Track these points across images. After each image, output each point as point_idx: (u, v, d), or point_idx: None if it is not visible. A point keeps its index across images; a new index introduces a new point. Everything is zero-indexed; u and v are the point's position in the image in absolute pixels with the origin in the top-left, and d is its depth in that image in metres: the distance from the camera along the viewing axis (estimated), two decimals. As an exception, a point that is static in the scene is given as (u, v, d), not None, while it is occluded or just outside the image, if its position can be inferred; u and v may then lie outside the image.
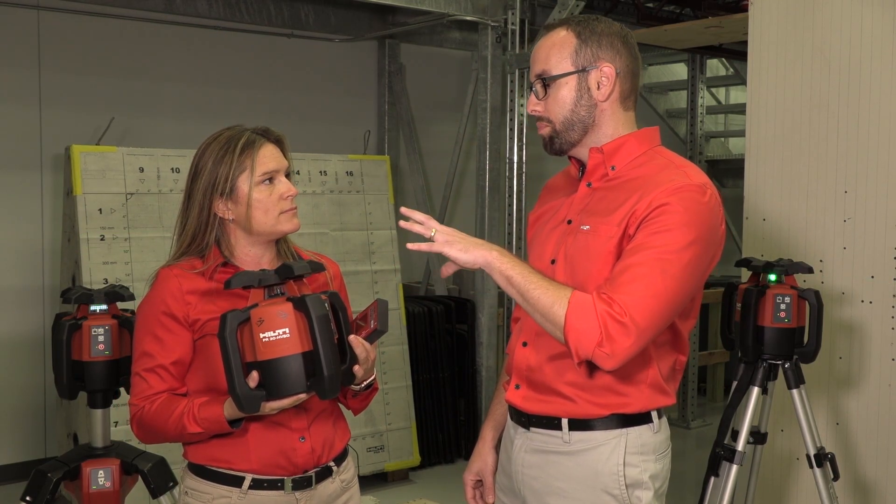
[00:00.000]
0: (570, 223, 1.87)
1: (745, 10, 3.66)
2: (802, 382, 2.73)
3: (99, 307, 2.20)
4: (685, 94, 6.59)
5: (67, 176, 4.13)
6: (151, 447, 2.30)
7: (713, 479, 2.72)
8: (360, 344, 1.82)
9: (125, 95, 4.89)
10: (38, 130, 4.67)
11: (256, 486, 1.91)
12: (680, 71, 7.18)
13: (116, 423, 3.71)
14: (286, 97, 5.47)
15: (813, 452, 2.72)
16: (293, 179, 2.01)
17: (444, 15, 4.76)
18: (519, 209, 5.06)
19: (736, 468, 2.68)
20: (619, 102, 1.86)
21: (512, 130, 5.02)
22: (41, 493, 2.16)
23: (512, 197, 5.07)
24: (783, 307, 2.64)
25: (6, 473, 4.53)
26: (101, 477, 2.18)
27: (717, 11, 5.56)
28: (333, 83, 5.70)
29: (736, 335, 2.75)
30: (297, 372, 1.70)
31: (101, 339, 2.16)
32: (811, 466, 2.73)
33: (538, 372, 1.87)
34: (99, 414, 2.25)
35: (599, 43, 1.84)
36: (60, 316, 2.23)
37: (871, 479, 3.09)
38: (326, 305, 1.74)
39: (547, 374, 1.85)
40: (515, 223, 5.06)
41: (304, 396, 1.74)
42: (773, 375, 2.74)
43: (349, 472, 2.06)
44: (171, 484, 2.25)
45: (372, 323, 1.87)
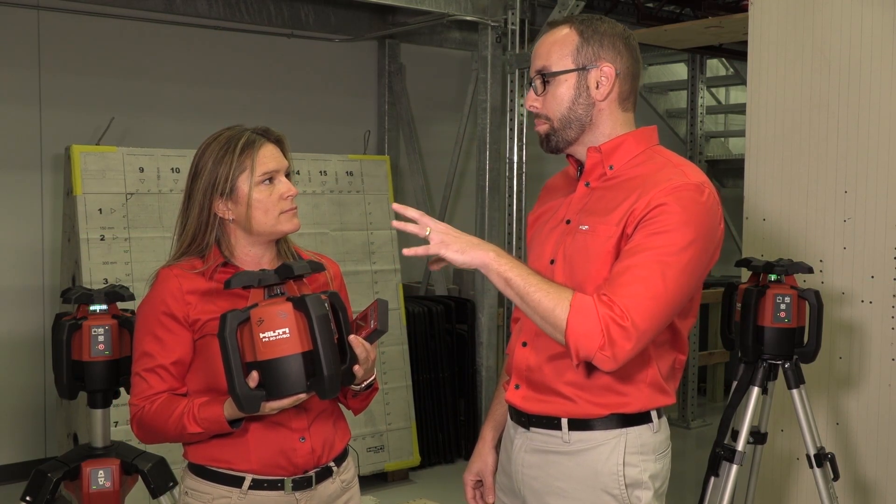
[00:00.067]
0: (568, 223, 1.87)
1: (745, 10, 3.66)
2: (802, 382, 2.73)
3: (99, 307, 2.20)
4: (685, 94, 6.59)
5: (67, 176, 4.13)
6: (151, 447, 2.30)
7: (713, 479, 2.72)
8: (360, 344, 1.81)
9: (125, 95, 4.89)
10: (38, 130, 4.67)
11: (256, 486, 1.91)
12: (680, 71, 7.18)
13: (116, 423, 3.71)
14: (286, 97, 5.47)
15: (813, 452, 2.72)
16: (293, 179, 2.00)
17: (444, 15, 4.76)
18: (519, 209, 5.06)
19: (736, 468, 2.68)
20: (617, 103, 1.86)
21: (512, 130, 5.02)
22: (41, 493, 2.16)
23: (512, 197, 5.07)
24: (783, 307, 2.64)
25: (6, 473, 4.53)
26: (101, 477, 2.18)
27: (717, 11, 5.56)
28: (333, 83, 5.69)
29: (736, 335, 2.75)
30: (297, 372, 1.70)
31: (101, 339, 2.16)
32: (811, 466, 2.73)
33: (538, 372, 1.87)
34: (99, 414, 2.25)
35: (601, 43, 1.83)
36: (60, 316, 2.23)
37: (871, 479, 3.08)
38: (326, 305, 1.74)
39: (546, 374, 1.85)
40: (515, 223, 5.06)
41: (304, 396, 1.74)
42: (773, 375, 2.74)
43: (349, 472, 2.06)
44: (171, 484, 2.25)
45: (372, 323, 1.87)
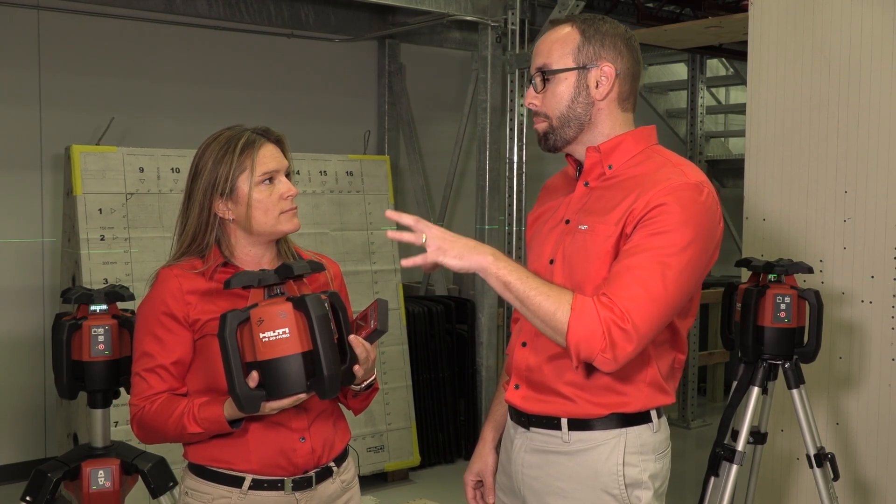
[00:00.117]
0: (568, 223, 1.87)
1: (745, 10, 3.66)
2: (802, 382, 2.73)
3: (99, 307, 2.21)
4: (685, 94, 6.59)
5: (67, 176, 4.13)
6: (151, 447, 2.30)
7: (713, 479, 2.72)
8: (360, 344, 1.81)
9: (125, 95, 4.88)
10: (38, 130, 4.67)
11: (256, 486, 1.91)
12: (680, 71, 7.18)
13: (116, 423, 3.71)
14: (286, 97, 5.47)
15: (813, 452, 2.72)
16: (293, 179, 2.00)
17: (444, 15, 4.76)
18: (519, 209, 5.06)
19: (736, 468, 2.68)
20: (616, 103, 1.86)
21: (512, 130, 5.02)
22: (41, 493, 2.16)
23: (512, 197, 5.07)
24: (783, 307, 2.64)
25: (6, 473, 4.53)
26: (101, 477, 2.18)
27: (717, 11, 5.56)
28: (333, 83, 5.69)
29: (736, 335, 2.75)
30: (296, 372, 1.70)
31: (101, 339, 2.16)
32: (811, 466, 2.73)
33: (537, 372, 1.87)
34: (99, 414, 2.25)
35: (602, 42, 1.84)
36: (60, 316, 2.23)
37: (871, 479, 3.08)
38: (326, 305, 1.73)
39: (546, 374, 1.85)
40: (515, 223, 5.06)
41: (304, 396, 1.74)
42: (773, 375, 2.74)
43: (349, 472, 2.06)
44: (171, 484, 2.25)
45: (372, 323, 1.87)
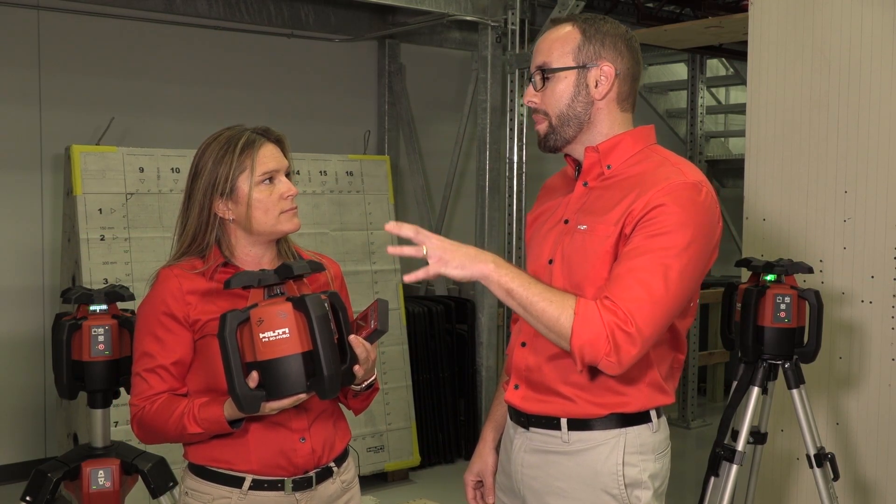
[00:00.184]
0: (567, 223, 1.87)
1: (745, 10, 3.66)
2: (802, 382, 2.73)
3: (99, 307, 2.21)
4: (685, 94, 6.59)
5: (67, 176, 4.13)
6: (151, 447, 2.30)
7: (713, 479, 2.72)
8: (360, 344, 1.81)
9: (125, 95, 4.88)
10: (38, 130, 4.67)
11: (256, 486, 1.91)
12: (680, 71, 7.18)
13: (116, 423, 3.71)
14: (286, 97, 5.46)
15: (813, 452, 2.72)
16: (293, 179, 2.00)
17: (444, 15, 4.76)
18: (519, 209, 5.06)
19: (736, 468, 2.68)
20: (616, 103, 1.86)
21: (512, 130, 5.02)
22: (41, 493, 2.16)
23: (512, 197, 5.08)
24: (783, 307, 2.64)
25: (6, 473, 4.53)
26: (101, 477, 2.18)
27: (717, 11, 5.56)
28: (333, 83, 5.69)
29: (736, 335, 2.75)
30: (296, 372, 1.70)
31: (101, 339, 2.16)
32: (811, 466, 2.73)
33: (537, 372, 1.87)
34: (99, 414, 2.25)
35: (603, 42, 1.84)
36: (60, 316, 2.23)
37: (871, 479, 3.08)
38: (326, 305, 1.73)
39: (546, 374, 1.85)
40: (515, 223, 5.06)
41: (304, 396, 1.74)
42: (773, 375, 2.74)
43: (350, 472, 2.06)
44: (171, 484, 2.25)
45: (372, 323, 1.87)
